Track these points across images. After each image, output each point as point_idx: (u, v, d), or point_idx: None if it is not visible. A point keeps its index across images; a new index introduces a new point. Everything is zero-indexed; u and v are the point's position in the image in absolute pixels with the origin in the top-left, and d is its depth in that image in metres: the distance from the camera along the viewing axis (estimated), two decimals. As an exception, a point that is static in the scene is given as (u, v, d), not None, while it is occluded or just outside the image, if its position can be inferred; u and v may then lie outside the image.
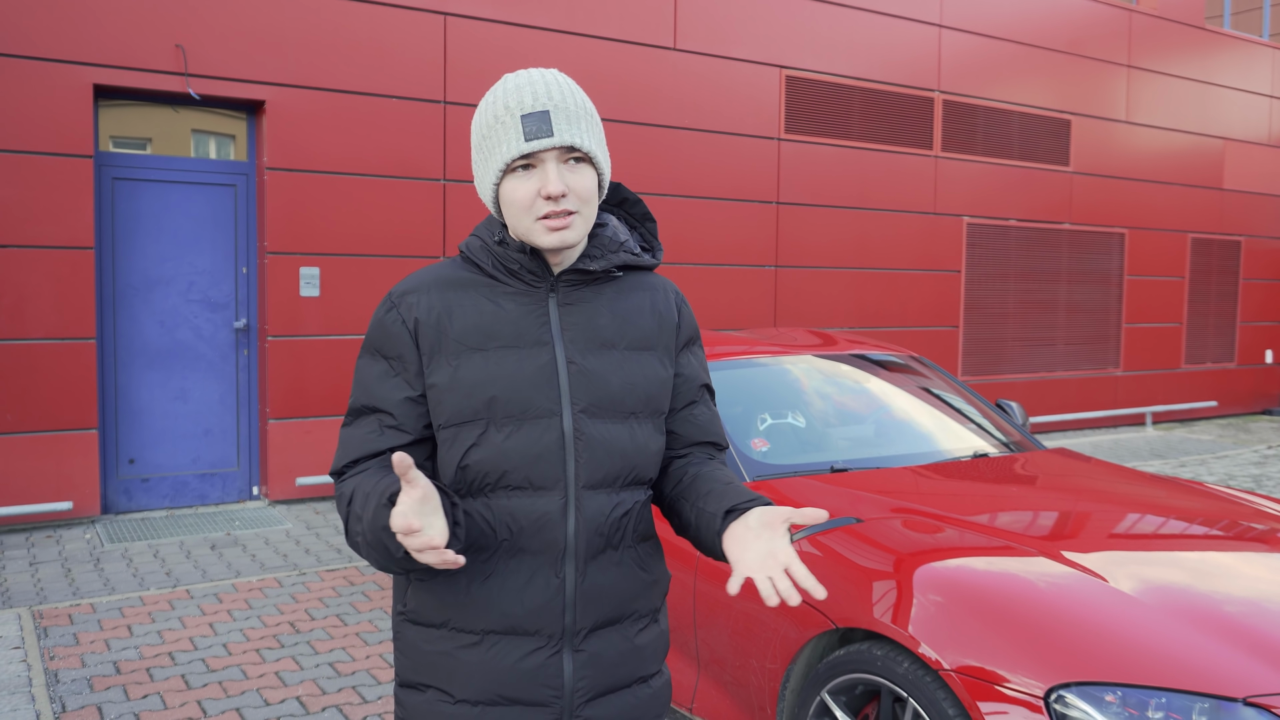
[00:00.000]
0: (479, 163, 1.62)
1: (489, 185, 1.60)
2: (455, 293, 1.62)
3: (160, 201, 6.77)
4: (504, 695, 1.59)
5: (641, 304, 1.69)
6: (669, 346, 1.71)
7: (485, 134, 1.59)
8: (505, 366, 1.58)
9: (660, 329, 1.70)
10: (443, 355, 1.58)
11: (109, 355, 6.64)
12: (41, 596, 5.05)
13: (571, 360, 1.60)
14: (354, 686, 4.01)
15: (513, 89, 1.57)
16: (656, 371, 1.67)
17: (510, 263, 1.62)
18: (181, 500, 6.93)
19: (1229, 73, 12.35)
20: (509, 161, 1.55)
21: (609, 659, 1.64)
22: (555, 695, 1.60)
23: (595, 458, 1.59)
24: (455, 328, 1.59)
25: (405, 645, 1.66)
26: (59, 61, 6.23)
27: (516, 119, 1.54)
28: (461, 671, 1.60)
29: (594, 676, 1.63)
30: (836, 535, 2.95)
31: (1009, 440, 4.10)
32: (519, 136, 1.54)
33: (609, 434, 1.61)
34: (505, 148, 1.55)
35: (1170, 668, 2.27)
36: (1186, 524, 3.10)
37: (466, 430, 1.57)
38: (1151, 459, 9.52)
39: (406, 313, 1.60)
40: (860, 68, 9.40)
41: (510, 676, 1.58)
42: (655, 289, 1.73)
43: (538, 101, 1.55)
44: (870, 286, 9.68)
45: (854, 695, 2.71)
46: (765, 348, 4.19)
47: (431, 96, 7.37)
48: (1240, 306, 12.87)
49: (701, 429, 1.75)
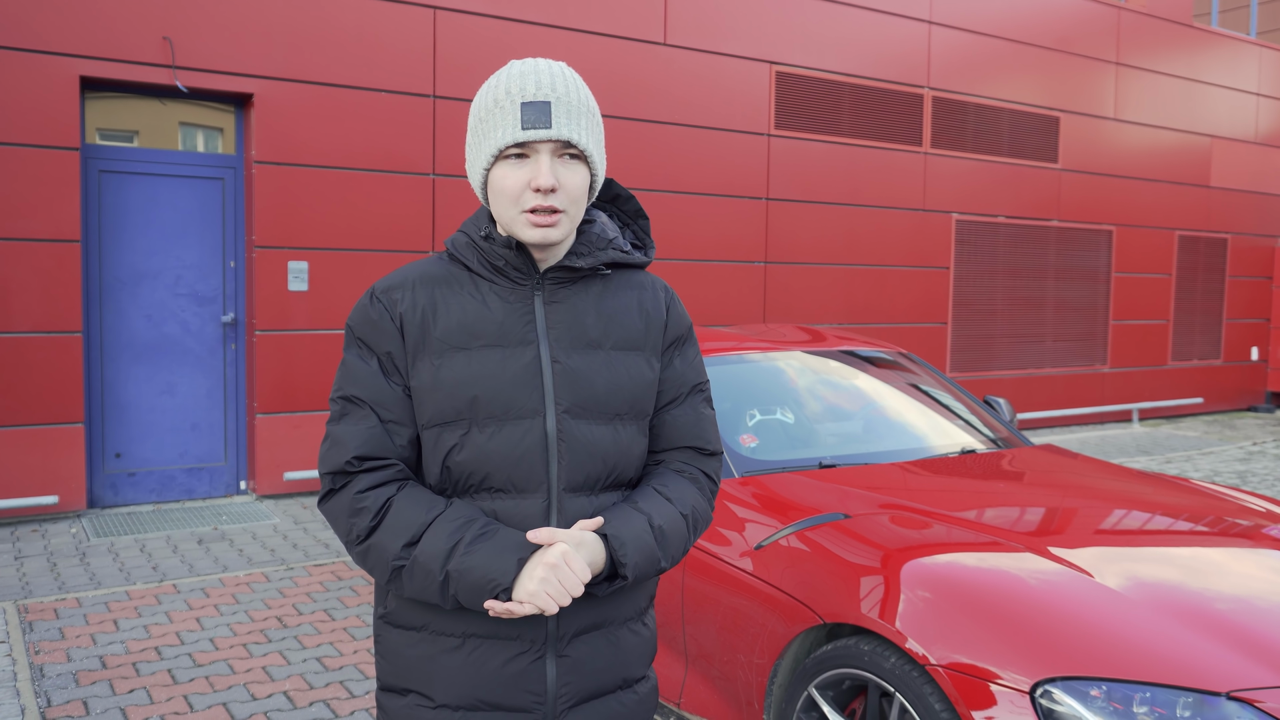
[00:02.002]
0: (472, 145, 1.59)
1: (479, 170, 1.57)
2: (440, 289, 1.59)
3: (147, 195, 6.73)
4: (485, 700, 1.57)
5: (629, 303, 1.66)
6: (656, 347, 1.67)
7: (483, 117, 1.56)
8: (488, 366, 1.55)
9: (648, 329, 1.66)
10: (425, 354, 1.56)
11: (95, 349, 6.61)
12: (27, 591, 5.02)
13: (556, 359, 1.57)
14: (341, 681, 4.01)
15: (517, 75, 1.54)
16: (643, 373, 1.63)
17: (496, 259, 1.59)
18: (168, 495, 6.91)
19: (1216, 71, 12.41)
20: (502, 148, 1.52)
21: (593, 664, 1.61)
22: (538, 701, 1.57)
23: (577, 460, 1.56)
24: (439, 326, 1.56)
25: (386, 649, 1.64)
26: (45, 53, 6.18)
27: (516, 105, 1.52)
28: (442, 675, 1.57)
29: (577, 682, 1.60)
30: (824, 531, 2.95)
31: (997, 437, 4.12)
32: (516, 124, 1.51)
33: (592, 436, 1.57)
34: (501, 133, 1.52)
35: (1155, 662, 2.29)
36: (1172, 520, 3.12)
37: (449, 431, 1.55)
38: (1138, 455, 9.57)
39: (391, 308, 1.57)
40: (850, 64, 9.41)
41: (492, 681, 1.56)
42: (645, 288, 1.69)
43: (540, 91, 1.52)
44: (859, 283, 9.69)
45: (841, 690, 2.72)
46: (754, 344, 4.19)
47: (421, 90, 7.35)
48: (1226, 304, 12.94)
49: (682, 431, 1.68)
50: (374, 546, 1.52)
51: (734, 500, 3.29)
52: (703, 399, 1.73)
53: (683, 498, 1.63)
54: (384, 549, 1.51)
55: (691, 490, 1.66)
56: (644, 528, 1.56)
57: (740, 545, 3.11)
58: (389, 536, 1.51)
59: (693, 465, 1.69)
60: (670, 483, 1.64)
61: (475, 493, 1.56)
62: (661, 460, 1.69)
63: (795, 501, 3.19)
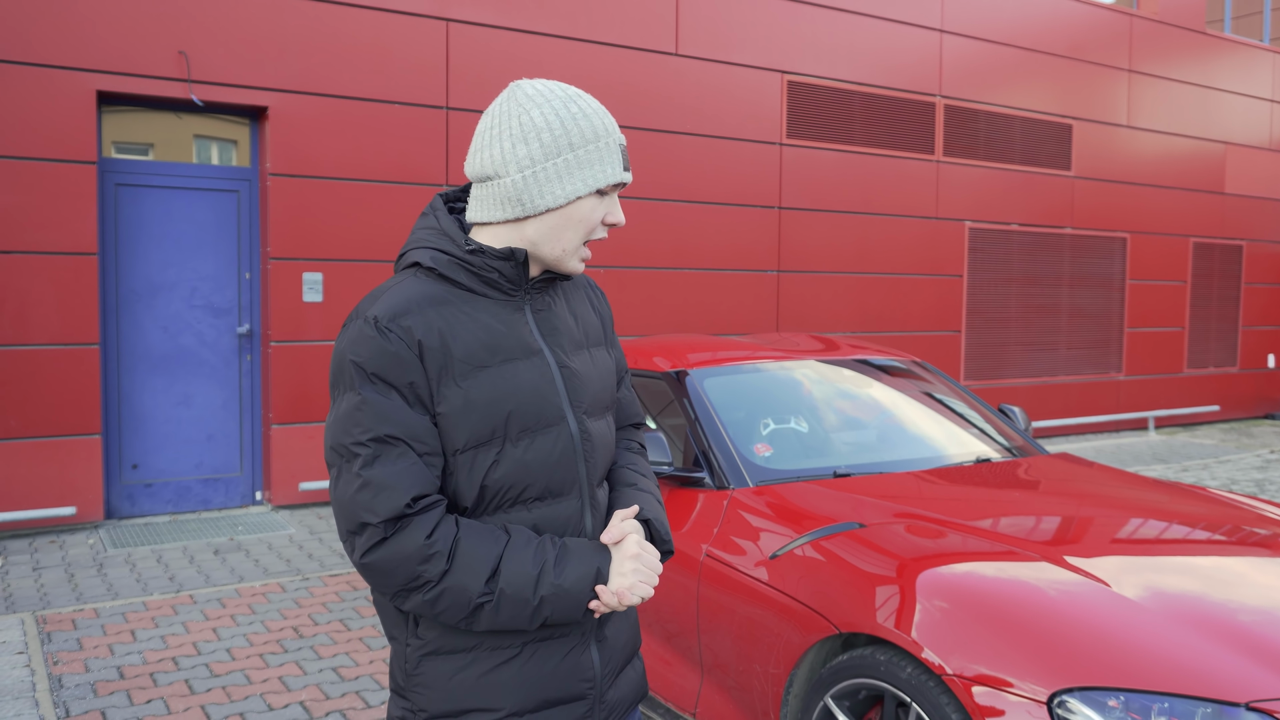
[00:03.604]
0: (556, 171, 1.55)
1: (562, 196, 1.55)
2: (444, 310, 1.56)
3: (163, 207, 6.78)
4: (548, 698, 1.61)
5: (583, 301, 1.78)
6: (610, 338, 1.82)
7: (577, 144, 1.55)
8: (514, 379, 1.57)
9: (602, 323, 1.80)
10: (450, 378, 1.53)
11: (112, 361, 6.66)
12: (45, 601, 5.05)
13: (563, 364, 1.64)
14: (358, 691, 4.02)
15: (600, 111, 1.60)
16: (609, 363, 1.78)
17: (488, 272, 1.59)
18: (185, 505, 6.94)
19: (1230, 77, 12.36)
20: (607, 185, 1.58)
21: (619, 640, 1.73)
22: (590, 686, 1.65)
23: (597, 456, 1.67)
24: (458, 347, 1.54)
25: (429, 679, 1.59)
26: (63, 68, 6.25)
27: (616, 146, 1.59)
28: (505, 686, 1.58)
29: (613, 659, 1.71)
30: (839, 540, 2.95)
31: (1011, 445, 4.11)
32: (621, 164, 1.59)
33: (601, 430, 1.69)
34: (609, 170, 1.57)
35: (1173, 673, 2.28)
36: (1189, 529, 3.11)
37: (484, 451, 1.54)
38: (1154, 463, 9.52)
39: (408, 336, 1.51)
40: (862, 73, 9.42)
41: (551, 678, 1.61)
42: (585, 286, 1.82)
43: (620, 136, 1.62)
44: (872, 291, 9.68)
45: (857, 700, 2.71)
46: (767, 353, 4.20)
47: (434, 102, 7.39)
48: (1242, 311, 12.87)
49: (626, 411, 1.89)
50: (450, 589, 1.49)
51: (748, 510, 3.29)
52: (629, 378, 1.95)
53: (649, 471, 1.84)
54: (463, 589, 1.49)
55: (646, 462, 1.87)
56: (659, 506, 1.75)
57: (755, 555, 3.10)
58: (467, 576, 1.49)
59: (634, 439, 1.90)
60: (636, 464, 1.82)
61: (511, 506, 1.57)
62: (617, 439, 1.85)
63: (810, 511, 3.19)
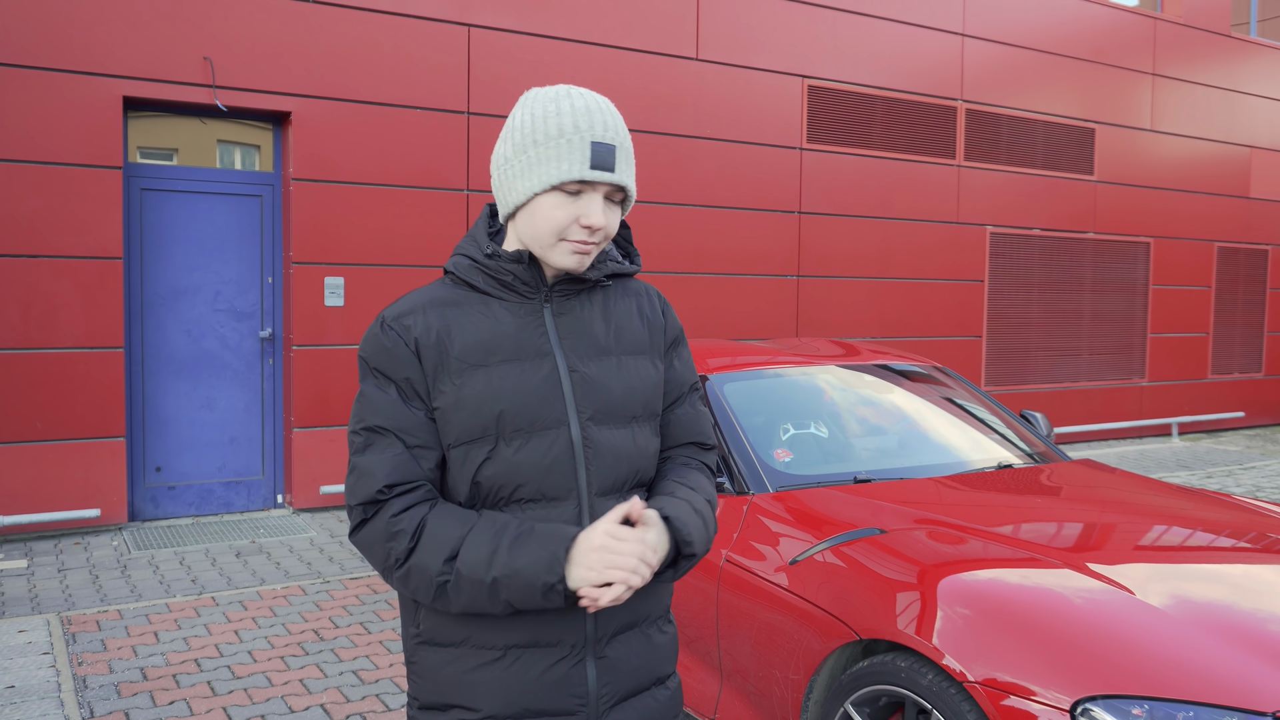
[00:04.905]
0: (520, 168, 1.58)
1: (524, 192, 1.57)
2: (450, 311, 1.61)
3: (187, 212, 6.84)
4: (529, 708, 1.59)
5: (630, 309, 1.73)
6: (659, 349, 1.75)
7: (540, 142, 1.55)
8: (510, 380, 1.58)
9: (650, 333, 1.74)
10: (445, 375, 1.58)
11: (136, 364, 6.72)
12: (70, 603, 5.10)
13: (574, 369, 1.62)
14: (378, 694, 4.03)
15: (583, 110, 1.56)
16: (650, 375, 1.71)
17: (503, 275, 1.62)
18: (207, 508, 6.99)
19: (1255, 80, 12.25)
20: (563, 181, 1.54)
21: (630, 663, 1.66)
22: (580, 703, 1.61)
23: (604, 465, 1.62)
24: (455, 346, 1.59)
25: (423, 668, 1.65)
26: (90, 74, 6.31)
27: (586, 142, 1.54)
28: (486, 687, 1.60)
29: (616, 681, 1.65)
30: (860, 546, 2.94)
31: (1034, 451, 4.08)
32: (584, 161, 1.54)
33: (614, 440, 1.63)
34: (565, 165, 1.54)
35: (1198, 681, 2.26)
36: (1214, 536, 3.08)
37: (476, 447, 1.57)
38: (1178, 470, 9.43)
39: (405, 334, 1.58)
40: (883, 77, 9.39)
41: (535, 688, 1.59)
42: (640, 294, 1.77)
43: (608, 133, 1.56)
44: (893, 296, 9.65)
45: (878, 707, 2.70)
46: (788, 358, 4.19)
47: (455, 107, 7.42)
48: (1267, 316, 12.74)
49: (686, 428, 1.78)
50: (414, 568, 1.53)
51: (768, 515, 3.28)
52: (698, 397, 1.84)
53: (702, 486, 1.73)
54: (425, 568, 1.53)
55: (705, 479, 1.76)
56: (690, 511, 1.64)
57: (775, 560, 3.10)
58: (428, 555, 1.53)
59: (696, 459, 1.80)
60: (686, 476, 1.73)
61: (506, 505, 1.59)
62: (669, 457, 1.78)
63: (830, 516, 3.18)
